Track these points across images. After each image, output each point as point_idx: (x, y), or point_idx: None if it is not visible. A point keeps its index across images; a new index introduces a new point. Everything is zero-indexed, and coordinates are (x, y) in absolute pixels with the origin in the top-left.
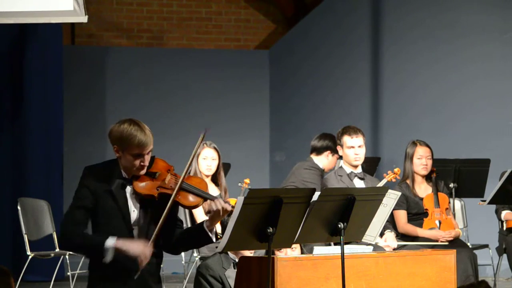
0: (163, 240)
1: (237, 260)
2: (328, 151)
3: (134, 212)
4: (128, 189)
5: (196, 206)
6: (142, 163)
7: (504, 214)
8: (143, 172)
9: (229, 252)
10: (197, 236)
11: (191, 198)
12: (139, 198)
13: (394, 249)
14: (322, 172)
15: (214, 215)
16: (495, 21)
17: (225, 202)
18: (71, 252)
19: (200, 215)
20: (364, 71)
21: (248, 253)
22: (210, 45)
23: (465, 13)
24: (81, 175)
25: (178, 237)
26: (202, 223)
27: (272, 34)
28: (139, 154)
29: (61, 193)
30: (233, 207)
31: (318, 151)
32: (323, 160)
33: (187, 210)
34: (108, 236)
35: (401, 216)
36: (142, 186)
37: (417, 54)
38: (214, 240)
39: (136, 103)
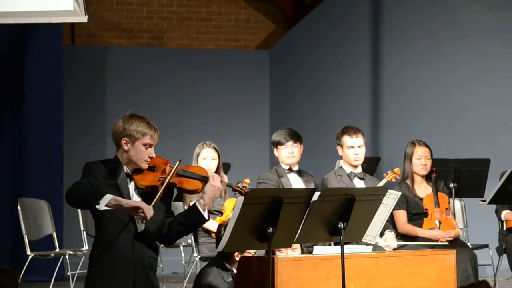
0: (156, 230)
1: (235, 271)
2: None
3: None
4: (131, 183)
5: (196, 191)
6: (150, 154)
7: (504, 214)
8: (145, 166)
9: (225, 263)
10: (189, 215)
11: (191, 182)
12: (141, 192)
13: (394, 249)
14: None
15: (208, 189)
16: (495, 21)
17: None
18: (71, 252)
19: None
20: (364, 71)
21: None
22: (210, 45)
23: (465, 13)
24: (84, 170)
25: (170, 223)
26: (195, 202)
27: (272, 34)
28: (150, 144)
29: (61, 193)
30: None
31: None
32: None
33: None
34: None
35: (401, 216)
36: (144, 178)
37: (417, 54)
38: (206, 218)
39: (136, 103)
